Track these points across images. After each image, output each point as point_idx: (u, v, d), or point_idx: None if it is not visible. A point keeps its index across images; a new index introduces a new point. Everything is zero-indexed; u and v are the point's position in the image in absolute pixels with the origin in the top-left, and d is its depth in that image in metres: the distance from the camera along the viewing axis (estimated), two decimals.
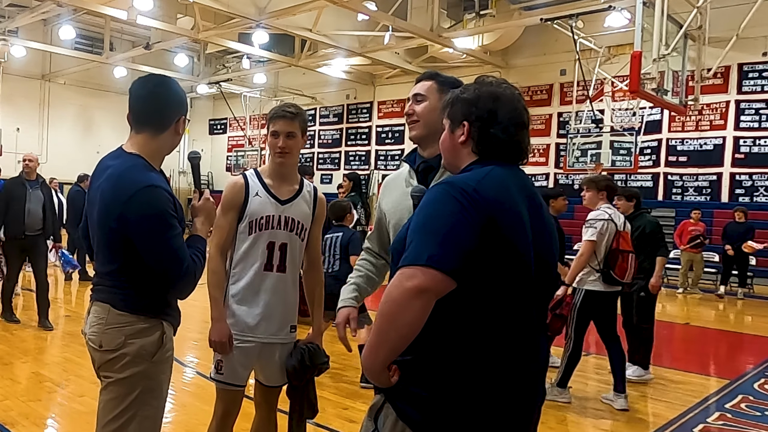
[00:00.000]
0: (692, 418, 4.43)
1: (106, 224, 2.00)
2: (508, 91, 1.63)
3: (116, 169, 2.01)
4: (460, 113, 1.63)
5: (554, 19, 11.72)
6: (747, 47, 11.92)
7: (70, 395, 4.39)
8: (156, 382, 2.06)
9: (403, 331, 1.41)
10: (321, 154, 20.39)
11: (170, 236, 1.96)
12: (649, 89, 8.05)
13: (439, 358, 1.49)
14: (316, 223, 2.67)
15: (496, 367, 1.50)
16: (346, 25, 14.54)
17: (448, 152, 1.69)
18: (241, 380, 2.57)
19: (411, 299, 1.38)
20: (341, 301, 2.24)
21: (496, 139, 1.58)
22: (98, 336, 2.03)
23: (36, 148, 19.33)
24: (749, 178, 12.84)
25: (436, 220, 1.45)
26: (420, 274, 1.38)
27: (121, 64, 17.68)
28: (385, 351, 1.45)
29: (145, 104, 2.08)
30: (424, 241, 1.43)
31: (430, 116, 2.06)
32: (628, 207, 5.42)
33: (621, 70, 12.50)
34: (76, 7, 13.24)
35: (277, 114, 2.53)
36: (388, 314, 1.41)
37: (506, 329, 1.52)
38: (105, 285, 2.07)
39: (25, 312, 7.11)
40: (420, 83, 2.14)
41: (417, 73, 18.07)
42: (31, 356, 5.42)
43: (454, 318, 1.48)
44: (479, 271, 1.44)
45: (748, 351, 7.24)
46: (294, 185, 2.61)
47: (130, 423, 2.00)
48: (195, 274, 2.03)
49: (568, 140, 13.63)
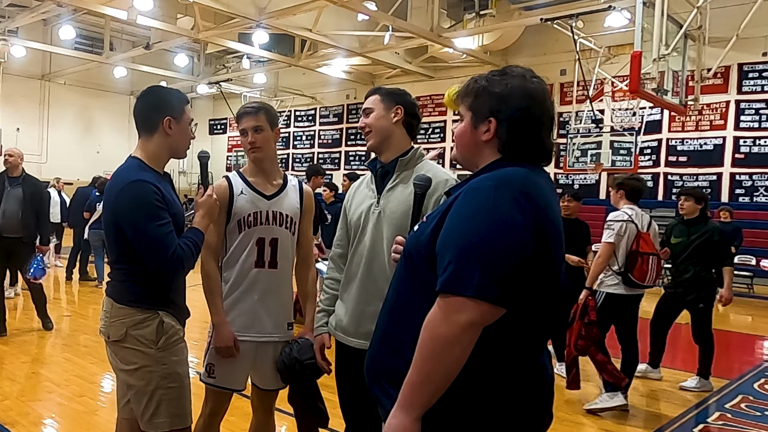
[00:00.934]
0: (692, 418, 4.43)
1: (107, 219, 2.22)
2: (540, 87, 1.49)
3: (117, 170, 2.27)
4: (487, 108, 1.46)
5: (554, 19, 11.72)
6: (747, 47, 11.91)
7: (70, 395, 4.39)
8: (169, 366, 2.21)
9: (451, 369, 1.26)
10: (321, 154, 20.38)
11: (155, 225, 2.11)
12: (649, 89, 8.04)
13: (473, 378, 1.33)
14: (305, 216, 2.67)
15: (529, 383, 1.40)
16: (346, 25, 14.53)
17: (466, 148, 1.52)
18: (237, 384, 2.55)
19: (461, 335, 1.24)
20: (315, 329, 2.43)
21: (527, 141, 1.45)
22: (106, 328, 2.25)
23: (36, 148, 19.36)
24: (749, 178, 12.84)
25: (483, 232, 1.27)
26: (469, 308, 1.23)
27: (121, 64, 17.67)
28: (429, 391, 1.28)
29: (137, 113, 2.31)
30: (470, 263, 1.25)
31: (378, 124, 2.27)
32: (695, 209, 5.05)
33: (621, 70, 12.49)
34: (76, 7, 13.23)
35: (240, 113, 2.57)
36: (434, 353, 1.26)
37: (535, 339, 1.42)
38: (111, 279, 2.29)
39: (24, 312, 7.11)
40: (367, 99, 2.34)
41: (417, 73, 18.04)
42: (31, 356, 5.42)
43: (490, 337, 1.31)
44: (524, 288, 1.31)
45: (748, 351, 7.23)
46: (278, 180, 2.61)
47: (159, 407, 2.20)
48: (182, 260, 2.15)
49: (568, 140, 13.62)
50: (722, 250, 5.08)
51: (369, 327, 2.18)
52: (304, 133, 20.76)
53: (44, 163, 19.12)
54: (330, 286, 2.42)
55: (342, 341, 2.30)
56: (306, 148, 20.73)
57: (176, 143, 2.29)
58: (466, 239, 1.28)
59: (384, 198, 2.24)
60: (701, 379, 5.11)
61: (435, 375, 1.27)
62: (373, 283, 2.20)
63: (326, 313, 2.41)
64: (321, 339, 2.42)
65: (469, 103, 1.51)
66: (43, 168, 18.71)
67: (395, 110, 2.28)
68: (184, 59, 18.85)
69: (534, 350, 1.44)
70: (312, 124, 20.64)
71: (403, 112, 2.29)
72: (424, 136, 17.38)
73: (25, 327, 6.43)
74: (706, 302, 5.09)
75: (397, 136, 2.29)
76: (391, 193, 2.23)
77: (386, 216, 2.21)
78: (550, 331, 1.48)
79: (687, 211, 5.00)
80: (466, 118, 1.51)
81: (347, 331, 2.27)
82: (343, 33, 14.63)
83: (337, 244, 2.43)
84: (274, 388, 2.62)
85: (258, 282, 2.52)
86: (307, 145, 20.73)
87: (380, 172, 2.30)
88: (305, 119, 20.79)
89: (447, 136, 17.13)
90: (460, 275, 1.25)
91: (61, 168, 16.79)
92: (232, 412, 3.52)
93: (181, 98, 2.32)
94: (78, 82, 19.93)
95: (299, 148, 20.86)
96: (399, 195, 2.21)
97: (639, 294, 4.51)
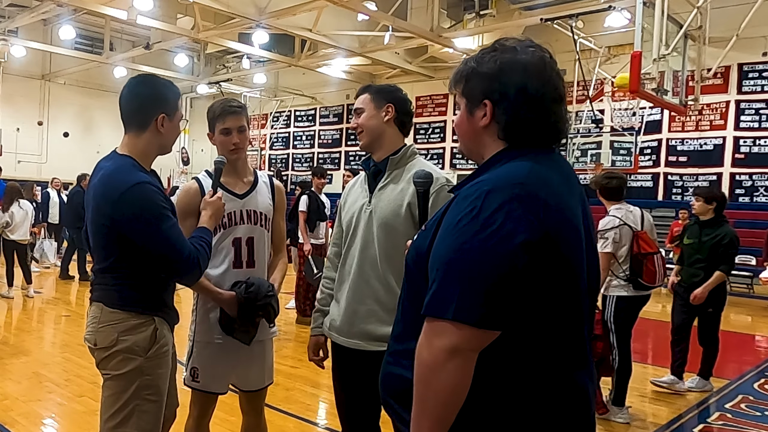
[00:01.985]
0: (692, 418, 4.43)
1: (98, 223, 2.06)
2: (537, 56, 1.29)
3: (107, 171, 2.07)
4: (479, 90, 1.31)
5: (554, 19, 11.71)
6: (747, 47, 11.90)
7: (70, 395, 4.38)
8: (153, 378, 2.09)
9: (441, 398, 1.14)
10: (321, 154, 20.37)
11: (166, 227, 2.01)
12: (649, 89, 8.04)
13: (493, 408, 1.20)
14: (278, 211, 2.65)
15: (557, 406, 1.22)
16: (346, 25, 14.53)
17: (467, 137, 1.37)
18: (220, 387, 2.53)
19: (444, 362, 1.13)
20: (311, 330, 2.41)
21: (528, 121, 1.27)
22: (93, 335, 2.09)
23: (36, 148, 19.35)
24: (749, 178, 12.83)
25: (465, 246, 1.14)
26: (449, 332, 1.12)
27: (121, 64, 17.65)
28: (428, 422, 1.16)
29: (126, 104, 2.13)
30: (450, 281, 1.13)
31: (369, 123, 2.25)
32: (705, 210, 4.87)
33: (621, 70, 12.49)
34: (76, 7, 13.22)
35: (224, 111, 2.49)
36: (422, 380, 1.16)
37: (562, 356, 1.24)
38: (100, 284, 2.13)
39: (24, 312, 7.11)
40: (357, 99, 2.31)
41: (417, 74, 18.02)
42: (31, 356, 5.42)
43: (503, 360, 1.19)
44: (527, 301, 1.16)
45: (748, 351, 7.23)
46: (248, 177, 2.58)
47: (129, 418, 2.04)
48: (199, 260, 2.08)
49: (568, 140, 13.58)
50: (725, 254, 4.87)
51: (362, 327, 2.19)
52: (304, 133, 20.75)
53: (44, 164, 19.11)
54: (326, 286, 2.41)
55: (336, 341, 2.29)
56: (306, 148, 20.72)
57: (166, 141, 2.17)
58: (448, 253, 1.16)
59: (375, 197, 2.23)
60: (701, 379, 5.08)
61: (428, 404, 1.17)
62: (366, 283, 2.19)
63: (322, 313, 2.40)
64: (315, 340, 2.41)
65: (461, 89, 1.37)
66: (43, 168, 18.71)
67: (386, 109, 2.25)
68: (184, 59, 18.83)
69: (563, 369, 1.25)
70: (312, 124, 20.63)
71: (394, 110, 2.25)
72: (424, 136, 17.37)
73: (25, 327, 6.43)
74: (716, 306, 5.01)
75: (389, 135, 2.27)
76: (382, 193, 2.22)
77: (377, 216, 2.19)
78: (580, 343, 1.29)
79: (698, 212, 4.85)
80: (461, 105, 1.37)
81: (341, 331, 2.26)
82: (343, 33, 14.62)
83: (334, 242, 2.42)
84: (256, 389, 2.60)
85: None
86: (307, 145, 20.73)
87: (372, 171, 2.28)
88: (305, 119, 20.78)
89: (447, 136, 17.12)
90: (441, 296, 1.14)
91: (61, 168, 16.73)
92: (232, 412, 3.53)
93: (176, 93, 2.21)
94: (78, 82, 19.91)
95: (299, 148, 20.85)
96: (390, 194, 2.20)
97: (646, 295, 4.38)
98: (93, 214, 2.08)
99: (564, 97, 1.32)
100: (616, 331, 4.27)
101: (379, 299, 2.16)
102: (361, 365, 2.17)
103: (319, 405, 4.46)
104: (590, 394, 1.31)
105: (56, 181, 12.43)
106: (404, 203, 2.14)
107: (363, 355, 2.16)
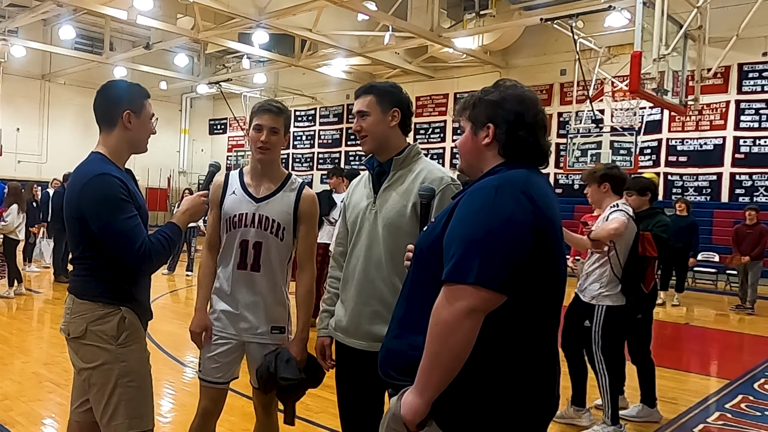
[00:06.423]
0: (692, 418, 4.43)
1: (69, 215, 2.18)
2: (530, 94, 1.62)
3: (79, 166, 2.24)
4: (484, 115, 1.60)
5: (554, 19, 11.73)
6: (747, 47, 11.91)
7: (69, 395, 4.38)
8: (129, 363, 2.16)
9: (455, 352, 1.37)
10: (321, 154, 20.38)
11: (121, 218, 2.08)
12: (649, 89, 8.05)
13: (480, 368, 1.43)
14: (302, 221, 2.54)
15: (533, 373, 1.49)
16: (346, 25, 14.54)
17: (470, 154, 1.65)
18: (216, 377, 2.54)
19: (462, 320, 1.35)
20: (318, 331, 2.40)
21: (524, 142, 1.56)
22: (66, 325, 2.22)
23: (36, 148, 19.37)
24: (749, 178, 12.84)
25: (484, 226, 1.39)
26: (468, 294, 1.35)
27: (121, 64, 17.67)
28: (438, 373, 1.39)
29: (96, 108, 2.29)
30: (471, 254, 1.37)
31: (376, 129, 2.22)
32: (642, 203, 4.33)
33: (621, 70, 12.50)
34: (76, 7, 13.24)
35: (262, 108, 2.49)
36: (439, 336, 1.38)
37: (542, 333, 1.52)
38: (73, 275, 2.25)
39: (24, 312, 7.11)
40: (360, 99, 2.26)
41: (417, 74, 18.03)
42: (31, 356, 5.42)
43: (495, 326, 1.42)
44: (524, 279, 1.41)
45: (748, 351, 7.24)
46: (274, 183, 2.55)
47: (118, 409, 2.13)
48: (151, 253, 2.11)
49: (568, 140, 13.63)
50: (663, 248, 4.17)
51: (368, 327, 2.18)
52: (304, 133, 20.76)
53: (44, 164, 19.12)
54: (332, 285, 2.40)
55: (341, 341, 2.29)
56: (306, 148, 20.73)
57: (136, 137, 2.26)
58: (469, 232, 1.41)
59: (380, 198, 2.22)
60: (645, 407, 4.32)
61: (441, 358, 1.37)
62: (371, 283, 2.19)
63: (329, 313, 2.38)
64: (322, 341, 2.40)
65: (467, 114, 1.64)
66: (43, 168, 18.72)
67: (392, 113, 2.22)
68: (184, 59, 18.85)
69: (541, 341, 1.52)
70: (312, 124, 20.64)
71: (400, 114, 2.23)
72: (424, 136, 17.39)
73: (25, 327, 6.43)
74: (644, 311, 4.22)
75: (394, 138, 2.25)
76: (387, 193, 2.21)
77: (382, 216, 2.19)
78: (555, 322, 1.57)
79: (633, 206, 4.11)
80: (466, 128, 1.64)
81: (346, 332, 2.25)
82: (343, 33, 14.64)
83: (339, 242, 2.41)
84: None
85: (240, 283, 2.51)
86: (307, 145, 20.73)
87: (377, 171, 2.27)
88: (305, 119, 20.79)
89: (447, 136, 17.13)
90: (463, 265, 1.37)
91: (61, 168, 16.69)
92: (232, 412, 3.53)
93: (141, 92, 2.28)
94: (78, 82, 19.90)
95: (299, 148, 20.86)
96: (394, 195, 2.19)
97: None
98: (65, 205, 2.20)
99: (547, 128, 1.65)
100: (603, 343, 3.80)
101: (384, 300, 2.15)
102: (364, 366, 2.16)
103: (320, 405, 4.46)
104: (558, 364, 1.60)
105: (56, 181, 12.43)
106: (409, 204, 2.14)
107: (367, 356, 2.14)
